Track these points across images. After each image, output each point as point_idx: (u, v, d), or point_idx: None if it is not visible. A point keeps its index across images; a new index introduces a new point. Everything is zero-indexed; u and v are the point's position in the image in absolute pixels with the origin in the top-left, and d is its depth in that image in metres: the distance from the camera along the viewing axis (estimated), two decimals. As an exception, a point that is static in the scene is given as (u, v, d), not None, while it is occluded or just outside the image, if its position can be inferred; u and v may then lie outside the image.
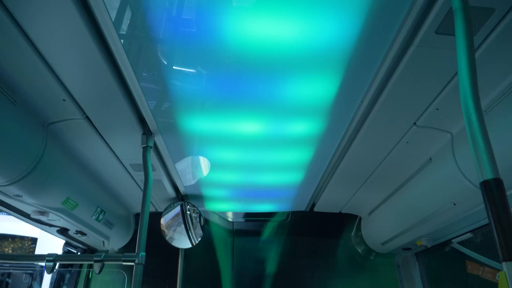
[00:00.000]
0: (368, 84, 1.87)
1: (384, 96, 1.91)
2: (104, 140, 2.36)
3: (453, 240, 3.20)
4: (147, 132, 2.28)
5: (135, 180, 2.97)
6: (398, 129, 2.25)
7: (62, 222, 2.75)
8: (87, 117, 2.11)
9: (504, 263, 0.97)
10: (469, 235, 3.02)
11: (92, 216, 2.87)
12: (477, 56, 1.48)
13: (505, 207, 1.00)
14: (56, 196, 2.43)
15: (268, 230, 3.98)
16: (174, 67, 1.80)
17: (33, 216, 2.53)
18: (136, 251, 2.03)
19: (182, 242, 3.37)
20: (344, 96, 1.97)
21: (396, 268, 3.89)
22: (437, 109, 2.01)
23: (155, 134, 2.32)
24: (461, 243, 3.21)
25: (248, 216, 4.01)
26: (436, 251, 3.60)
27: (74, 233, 3.02)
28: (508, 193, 2.12)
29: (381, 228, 3.51)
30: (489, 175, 1.04)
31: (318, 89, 1.92)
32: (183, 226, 3.41)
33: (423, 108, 2.04)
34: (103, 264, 2.07)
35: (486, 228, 2.95)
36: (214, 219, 3.97)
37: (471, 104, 1.17)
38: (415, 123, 2.17)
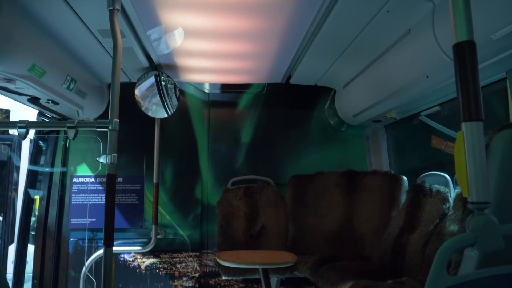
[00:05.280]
0: None
1: (368, -43, 1.78)
2: (66, 1, 2.18)
3: (421, 113, 3.32)
4: (112, -7, 2.11)
5: (104, 47, 2.85)
6: (380, -4, 2.15)
7: (31, 90, 2.68)
8: (43, -27, 1.91)
9: (463, 124, 1.00)
10: (437, 108, 3.13)
11: (62, 84, 2.79)
12: None
13: (473, 70, 1.00)
14: (20, 63, 2.32)
15: (244, 101, 4.02)
16: None
17: (-1, 83, 2.45)
18: (109, 118, 2.03)
19: (157, 112, 3.40)
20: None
21: (365, 139, 4.08)
22: (422, -26, 1.90)
23: (121, -5, 2.15)
24: (428, 116, 3.34)
25: (225, 87, 4.00)
26: (404, 123, 3.76)
27: (45, 102, 2.97)
28: (480, 66, 2.15)
29: (354, 101, 3.59)
30: (463, 37, 1.02)
31: None
32: (158, 96, 3.40)
33: (407, -27, 1.92)
34: (77, 131, 2.07)
35: (454, 102, 3.04)
36: (190, 90, 3.95)
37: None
38: (397, -10, 2.07)
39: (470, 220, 0.99)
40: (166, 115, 3.42)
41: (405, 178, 3.26)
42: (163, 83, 3.41)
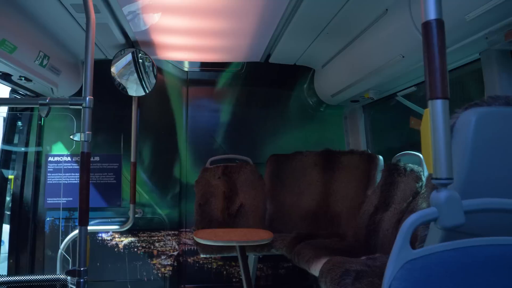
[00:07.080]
0: None
1: None
2: (36, -27, 2.12)
3: (398, 94, 3.36)
4: (84, -36, 2.05)
5: (78, 23, 2.77)
6: (358, -25, 2.14)
7: (2, 66, 2.61)
8: None
9: (429, 101, 1.02)
10: (413, 88, 3.17)
11: (34, 61, 2.72)
12: None
13: (441, 48, 1.02)
14: (-11, 37, 2.25)
15: (223, 80, 3.99)
16: None
17: (-33, 59, 2.37)
18: (83, 95, 2.00)
19: (135, 90, 3.35)
20: None
21: (343, 119, 4.12)
22: (400, -48, 1.89)
23: (94, -32, 2.09)
24: (405, 96, 3.38)
25: (204, 66, 3.96)
26: (381, 104, 3.80)
27: (18, 79, 2.89)
28: (454, 47, 2.16)
29: (333, 81, 3.60)
30: (432, 16, 1.03)
31: None
32: (135, 74, 3.34)
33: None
34: (50, 108, 2.03)
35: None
36: (168, 68, 3.90)
37: None
38: (375, -32, 2.06)
39: (433, 196, 1.02)
40: (143, 94, 3.38)
41: (381, 157, 3.32)
42: (140, 60, 3.35)
